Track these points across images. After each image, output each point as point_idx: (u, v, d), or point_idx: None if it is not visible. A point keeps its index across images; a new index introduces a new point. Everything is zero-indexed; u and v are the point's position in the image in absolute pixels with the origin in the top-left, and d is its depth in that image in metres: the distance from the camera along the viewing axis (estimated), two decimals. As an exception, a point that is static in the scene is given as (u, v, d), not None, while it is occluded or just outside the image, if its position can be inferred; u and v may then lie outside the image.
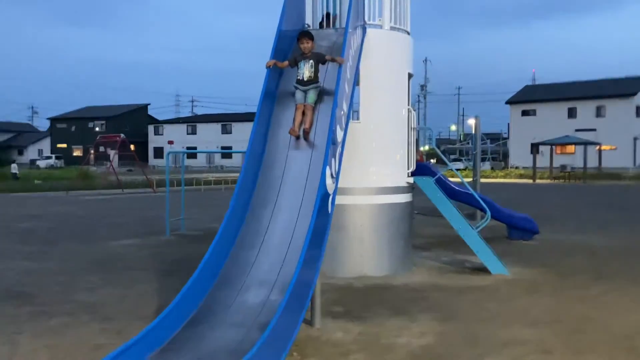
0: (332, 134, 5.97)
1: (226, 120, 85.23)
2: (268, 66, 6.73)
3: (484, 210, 10.16)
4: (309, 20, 8.49)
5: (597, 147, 45.54)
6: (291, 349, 4.95)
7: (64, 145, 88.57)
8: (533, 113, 65.58)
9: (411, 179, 8.83)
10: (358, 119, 8.39)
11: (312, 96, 6.68)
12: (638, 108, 59.92)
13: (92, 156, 48.06)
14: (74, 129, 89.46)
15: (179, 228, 13.45)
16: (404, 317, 6.34)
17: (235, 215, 5.82)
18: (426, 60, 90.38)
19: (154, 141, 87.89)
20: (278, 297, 5.14)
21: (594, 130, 58.36)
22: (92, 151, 46.16)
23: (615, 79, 64.23)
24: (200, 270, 5.17)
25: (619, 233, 13.03)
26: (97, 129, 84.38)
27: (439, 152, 11.18)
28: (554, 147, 45.68)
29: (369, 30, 8.32)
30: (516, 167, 57.65)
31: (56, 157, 76.88)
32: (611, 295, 7.38)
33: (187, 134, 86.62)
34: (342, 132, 6.59)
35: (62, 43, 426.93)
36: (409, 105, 9.02)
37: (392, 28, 8.67)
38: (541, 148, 48.80)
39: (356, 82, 7.84)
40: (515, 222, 11.94)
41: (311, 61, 6.77)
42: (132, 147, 34.70)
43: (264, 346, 4.13)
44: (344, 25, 7.43)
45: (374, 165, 8.46)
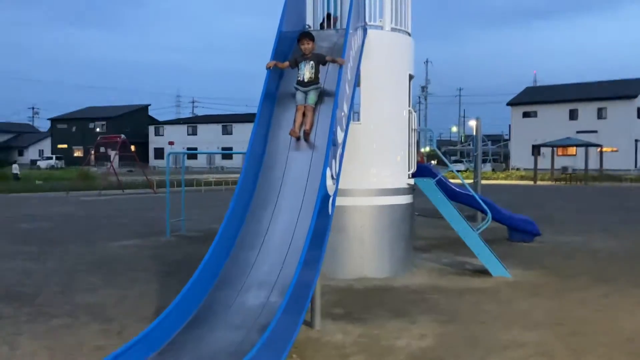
0: (332, 135, 5.95)
1: (227, 121, 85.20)
2: (268, 67, 6.72)
3: (484, 212, 10.14)
4: (309, 21, 8.49)
5: (599, 149, 45.48)
6: (291, 351, 4.94)
7: (65, 146, 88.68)
8: (534, 115, 65.47)
9: (412, 181, 8.81)
10: (359, 120, 8.39)
11: (312, 97, 6.67)
12: (639, 110, 59.90)
13: (92, 157, 48.07)
14: (74, 129, 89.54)
15: (179, 229, 13.44)
16: (404, 319, 6.33)
17: (236, 216, 5.81)
18: (427, 61, 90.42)
19: (154, 142, 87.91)
20: (278, 299, 5.13)
21: (595, 132, 58.27)
22: (93, 152, 46.21)
23: (617, 81, 64.12)
24: (200, 271, 5.16)
25: (620, 235, 13.01)
26: (97, 129, 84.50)
27: (439, 153, 11.17)
28: (555, 148, 45.65)
29: (369, 31, 8.31)
30: (517, 169, 57.54)
31: (57, 158, 77.07)
32: (612, 298, 7.36)
33: (188, 134, 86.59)
34: (343, 133, 6.57)
35: (63, 44, 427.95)
36: (409, 106, 9.01)
37: (393, 29, 8.66)
38: (542, 150, 48.77)
39: (357, 83, 7.83)
40: (516, 223, 11.91)
41: (312, 62, 6.76)
42: (132, 147, 34.70)
43: (263, 348, 4.12)
44: (344, 26, 7.42)
45: (375, 166, 8.45)
